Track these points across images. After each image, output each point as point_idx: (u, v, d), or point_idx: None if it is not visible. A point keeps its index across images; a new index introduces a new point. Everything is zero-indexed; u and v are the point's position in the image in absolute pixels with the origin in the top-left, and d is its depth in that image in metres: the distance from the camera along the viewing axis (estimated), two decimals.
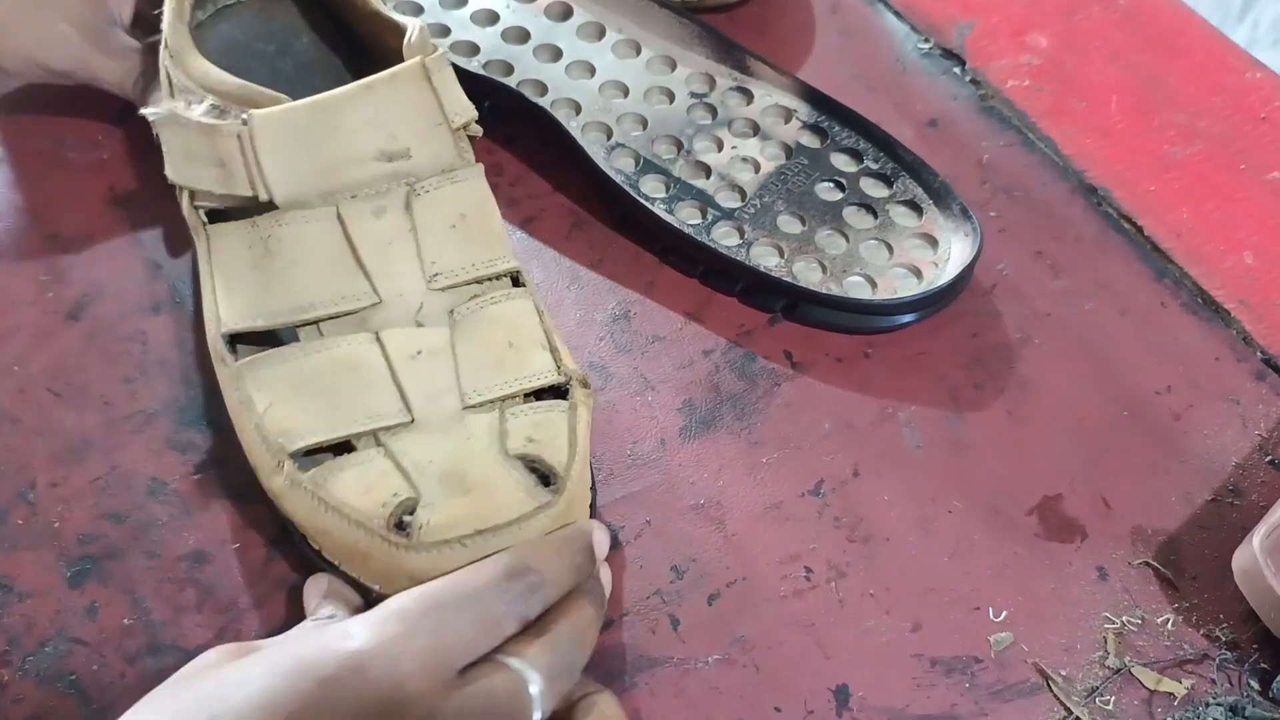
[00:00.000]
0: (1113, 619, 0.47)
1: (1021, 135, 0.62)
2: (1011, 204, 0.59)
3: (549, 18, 0.62)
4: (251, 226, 0.47)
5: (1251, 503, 0.50)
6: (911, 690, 0.45)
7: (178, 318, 0.54)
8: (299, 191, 0.46)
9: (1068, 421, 0.52)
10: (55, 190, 0.58)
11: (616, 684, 0.45)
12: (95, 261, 0.56)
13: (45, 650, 0.45)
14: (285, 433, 0.44)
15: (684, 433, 0.51)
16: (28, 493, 0.49)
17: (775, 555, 0.48)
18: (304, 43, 0.57)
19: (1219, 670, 0.45)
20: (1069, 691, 0.45)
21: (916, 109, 0.63)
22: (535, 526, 0.42)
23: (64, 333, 0.53)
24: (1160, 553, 0.48)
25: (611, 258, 0.57)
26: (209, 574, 0.47)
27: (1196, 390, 0.53)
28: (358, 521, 0.43)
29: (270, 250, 0.46)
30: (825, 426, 0.52)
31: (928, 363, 0.54)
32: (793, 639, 0.46)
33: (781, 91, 0.60)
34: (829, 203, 0.57)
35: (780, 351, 0.54)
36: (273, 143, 0.46)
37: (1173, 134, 0.62)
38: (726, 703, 0.45)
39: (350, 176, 0.46)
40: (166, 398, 0.52)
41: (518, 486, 0.43)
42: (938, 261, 0.55)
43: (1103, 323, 0.55)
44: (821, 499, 0.50)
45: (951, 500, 0.50)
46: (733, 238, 0.55)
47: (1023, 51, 0.65)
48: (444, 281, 0.47)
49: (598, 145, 0.58)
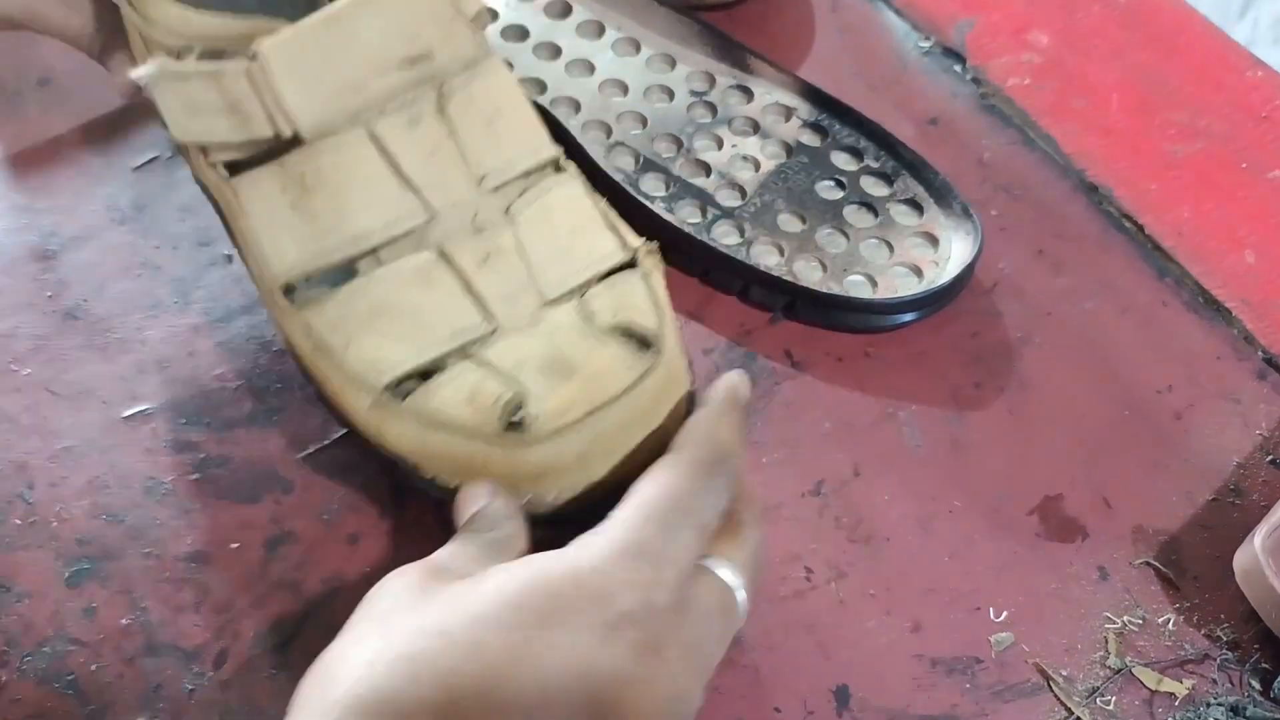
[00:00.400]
0: (1114, 619, 0.47)
1: (1022, 134, 0.61)
2: (1012, 202, 0.59)
3: (548, 15, 0.62)
4: (280, 168, 0.44)
5: (1253, 502, 0.50)
6: (912, 690, 0.45)
7: (177, 317, 0.54)
8: (325, 118, 0.43)
9: (1068, 421, 0.52)
10: (54, 189, 0.58)
11: None
12: (94, 261, 0.56)
13: (43, 650, 0.45)
14: (372, 366, 0.43)
15: None
16: (26, 492, 0.49)
17: (775, 555, 0.48)
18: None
19: (1220, 670, 0.45)
20: (1070, 692, 0.45)
21: (917, 107, 0.63)
22: (646, 391, 0.42)
23: (62, 332, 0.53)
24: (1161, 552, 0.48)
25: None
26: (208, 574, 0.47)
27: (1197, 389, 0.53)
28: (470, 431, 0.42)
29: (308, 187, 0.44)
30: (825, 426, 0.52)
31: (928, 362, 0.54)
32: (793, 639, 0.46)
33: (781, 90, 0.60)
34: (829, 201, 0.56)
35: (780, 351, 0.54)
36: (289, 70, 0.42)
37: (1174, 132, 0.62)
38: (726, 703, 0.44)
39: (376, 89, 0.44)
40: (165, 397, 0.51)
41: (617, 358, 0.43)
42: (938, 260, 0.55)
43: (1104, 322, 0.55)
44: (822, 499, 0.50)
45: (952, 500, 0.50)
46: (733, 236, 0.55)
47: (1023, 49, 0.65)
48: (494, 181, 0.45)
49: (597, 144, 0.58)
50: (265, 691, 0.44)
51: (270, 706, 0.44)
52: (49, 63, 0.59)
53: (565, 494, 0.42)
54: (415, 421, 0.43)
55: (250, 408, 0.51)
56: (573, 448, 0.41)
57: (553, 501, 0.43)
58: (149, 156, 0.59)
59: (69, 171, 0.59)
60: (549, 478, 0.42)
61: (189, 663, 0.45)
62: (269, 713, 0.44)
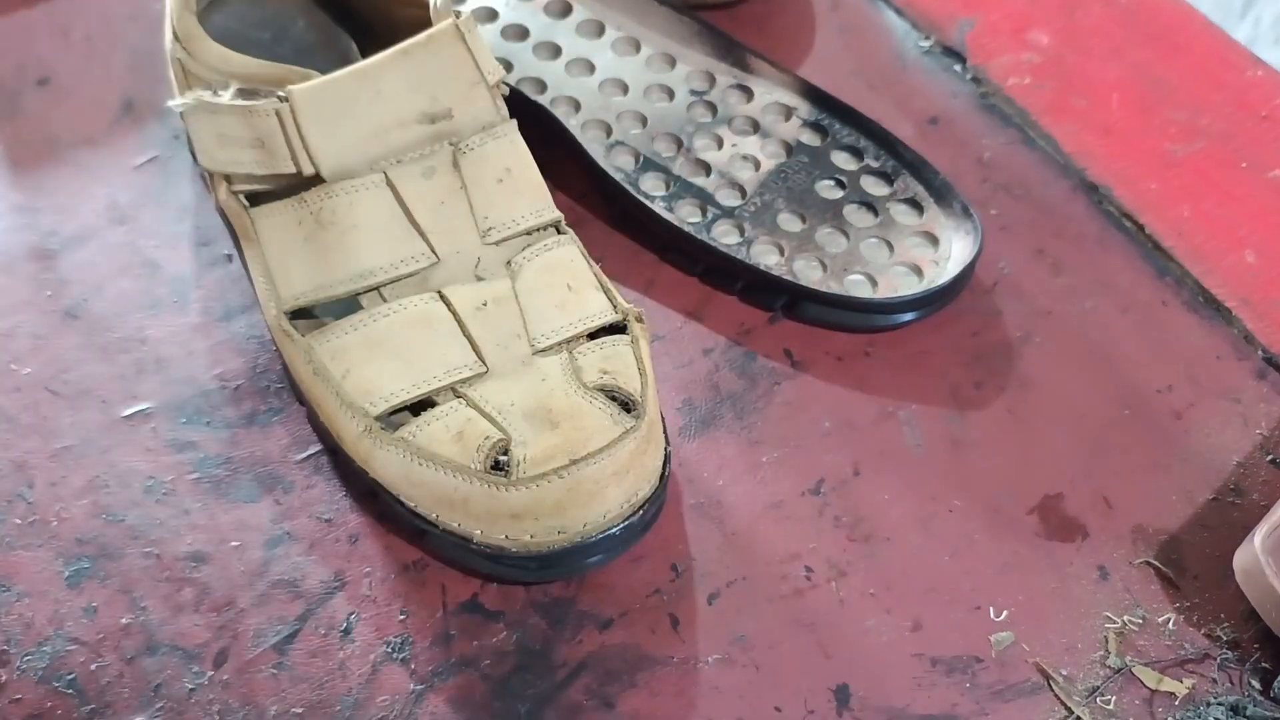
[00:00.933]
0: (1114, 618, 0.47)
1: (1022, 133, 0.61)
2: (1012, 202, 0.59)
3: (548, 15, 0.62)
4: (300, 203, 0.47)
5: (1253, 502, 0.50)
6: (912, 690, 0.45)
7: (175, 317, 0.54)
8: (345, 161, 0.47)
9: (1068, 420, 0.52)
10: (54, 189, 0.58)
11: (616, 683, 0.45)
12: (93, 260, 0.56)
13: (43, 650, 0.45)
14: (366, 395, 0.46)
15: (684, 432, 0.51)
16: (26, 492, 0.49)
17: (775, 554, 0.48)
18: (300, 27, 0.57)
19: (1220, 670, 0.45)
20: (1070, 691, 0.45)
21: (917, 106, 0.62)
22: (626, 449, 0.44)
23: (62, 332, 0.53)
24: (1161, 552, 0.48)
25: (611, 256, 0.56)
26: (207, 574, 0.47)
27: (1198, 389, 0.53)
28: (455, 468, 0.44)
29: (322, 222, 0.47)
30: (825, 425, 0.52)
31: (928, 361, 0.54)
32: (793, 639, 0.46)
33: (782, 89, 0.60)
34: (829, 201, 0.56)
35: (780, 350, 0.54)
36: (316, 115, 0.46)
37: (1174, 132, 0.62)
38: (726, 703, 0.44)
39: (395, 141, 0.47)
40: (164, 397, 0.51)
41: (603, 414, 0.44)
42: (938, 260, 0.55)
43: (1104, 321, 0.55)
44: (822, 498, 0.50)
45: (952, 499, 0.50)
46: (733, 236, 0.55)
47: (1023, 49, 0.65)
48: (497, 235, 0.48)
49: (597, 143, 0.58)
50: (265, 691, 0.44)
51: (271, 705, 0.44)
52: (49, 63, 0.59)
53: (540, 536, 0.44)
54: (403, 453, 0.45)
55: (250, 408, 0.51)
56: (551, 495, 0.43)
57: (528, 542, 0.44)
58: (149, 156, 0.59)
59: (69, 171, 0.59)
60: (526, 520, 0.44)
61: (189, 662, 0.45)
62: (269, 712, 0.44)
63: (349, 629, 0.46)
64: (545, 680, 0.45)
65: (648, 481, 0.46)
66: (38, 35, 0.62)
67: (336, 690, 0.44)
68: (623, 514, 0.45)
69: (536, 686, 0.45)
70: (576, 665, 0.45)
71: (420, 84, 0.47)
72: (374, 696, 0.44)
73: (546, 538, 0.44)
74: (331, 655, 0.45)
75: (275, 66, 0.48)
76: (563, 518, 0.44)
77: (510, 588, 0.47)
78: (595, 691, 0.45)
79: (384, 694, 0.44)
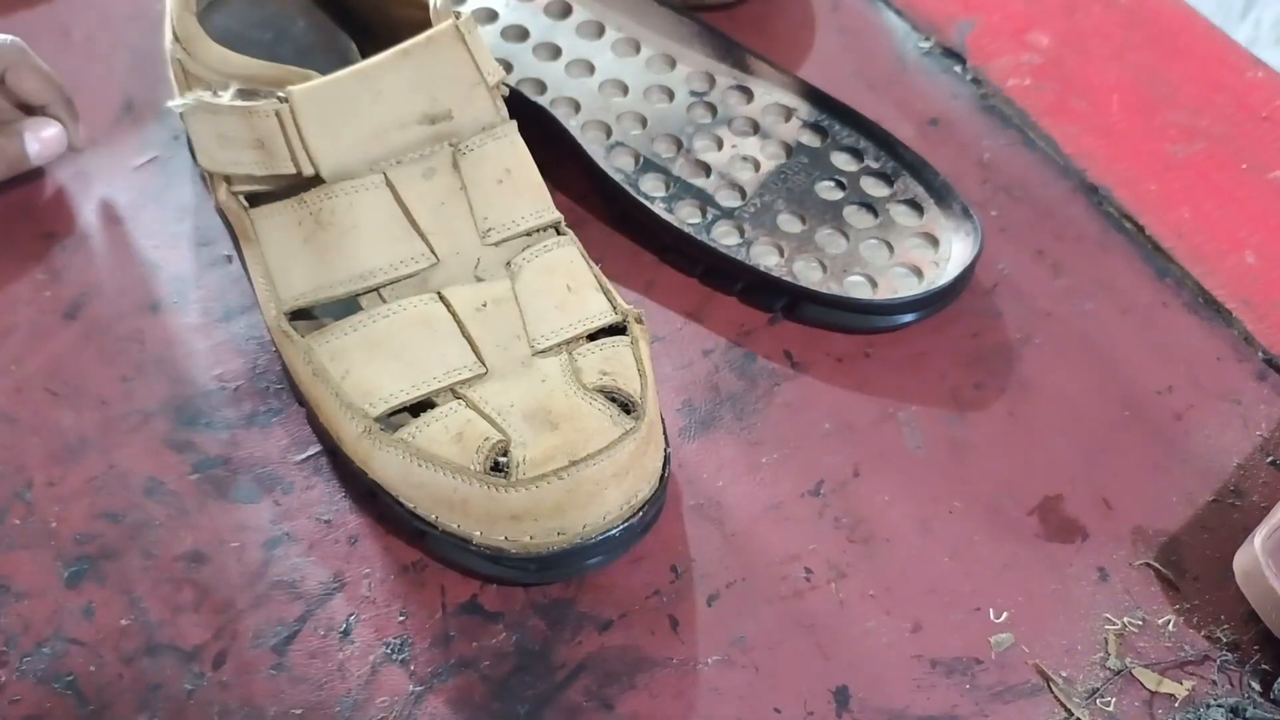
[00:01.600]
0: (1114, 620, 0.47)
1: (1022, 134, 0.61)
2: (1012, 203, 0.59)
3: (548, 16, 0.62)
4: (299, 204, 0.47)
5: (1253, 503, 0.49)
6: (911, 691, 0.45)
7: (175, 317, 0.54)
8: (345, 162, 0.47)
9: (1068, 421, 0.52)
10: (52, 189, 0.58)
11: (616, 684, 0.45)
12: (92, 260, 0.56)
13: (42, 650, 0.45)
14: (366, 396, 0.46)
15: (683, 433, 0.51)
16: (25, 492, 0.49)
17: (775, 555, 0.48)
18: (300, 28, 0.57)
19: (1220, 671, 0.45)
20: (1070, 693, 0.45)
21: (917, 108, 0.62)
22: (625, 450, 0.44)
23: (61, 332, 0.53)
24: (1161, 553, 0.48)
25: (611, 257, 0.56)
26: (206, 574, 0.47)
27: (1198, 390, 0.53)
28: (454, 470, 0.44)
29: (322, 223, 0.47)
30: (825, 426, 0.52)
31: (928, 362, 0.54)
32: (792, 639, 0.46)
33: (781, 90, 0.60)
34: (829, 202, 0.56)
35: (780, 351, 0.54)
36: (316, 116, 0.46)
37: (1174, 133, 0.62)
38: (726, 703, 0.44)
39: (395, 142, 0.47)
40: (164, 397, 0.51)
41: (602, 415, 0.44)
42: (938, 261, 0.55)
43: (1104, 322, 0.55)
44: (821, 499, 0.49)
45: (952, 500, 0.50)
46: (733, 237, 0.55)
47: (1024, 50, 0.65)
48: (497, 236, 0.48)
49: (597, 144, 0.58)
50: (265, 691, 0.44)
51: (270, 706, 0.44)
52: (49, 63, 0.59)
53: (540, 537, 0.44)
54: (402, 454, 0.45)
55: (250, 408, 0.51)
56: (551, 496, 0.43)
57: (528, 543, 0.44)
58: (149, 156, 0.59)
59: (69, 171, 0.59)
60: (525, 521, 0.44)
61: (188, 663, 0.45)
62: (268, 713, 0.44)
63: (348, 630, 0.46)
64: (544, 681, 0.45)
65: (647, 483, 0.45)
66: (38, 35, 0.62)
67: (336, 691, 0.44)
68: (622, 515, 0.45)
69: (536, 688, 0.45)
70: (576, 666, 0.45)
71: (420, 85, 0.47)
72: (373, 698, 0.44)
73: (546, 539, 0.44)
74: (331, 656, 0.45)
75: (275, 67, 0.48)
76: (562, 519, 0.44)
77: (510, 589, 0.47)
78: (594, 693, 0.45)
79: (383, 695, 0.44)
